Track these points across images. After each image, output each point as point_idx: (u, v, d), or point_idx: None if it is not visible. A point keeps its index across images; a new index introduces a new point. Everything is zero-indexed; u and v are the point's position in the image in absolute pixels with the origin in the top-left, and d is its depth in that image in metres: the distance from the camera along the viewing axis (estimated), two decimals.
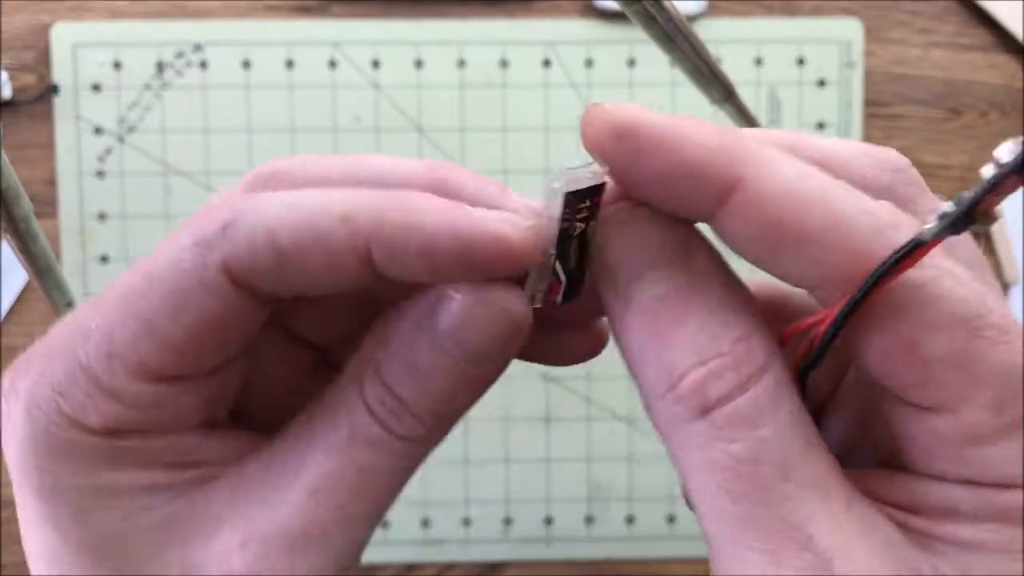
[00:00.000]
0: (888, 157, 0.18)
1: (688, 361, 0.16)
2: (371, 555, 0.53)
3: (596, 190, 0.18)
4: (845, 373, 0.20)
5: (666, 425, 0.17)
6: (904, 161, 0.18)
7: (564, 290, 0.19)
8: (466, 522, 0.54)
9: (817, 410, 0.19)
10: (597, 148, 0.17)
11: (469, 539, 0.54)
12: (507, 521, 0.54)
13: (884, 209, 0.16)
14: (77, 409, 0.17)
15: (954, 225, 0.16)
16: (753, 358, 0.16)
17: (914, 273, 0.16)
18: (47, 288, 0.35)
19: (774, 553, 0.16)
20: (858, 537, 0.16)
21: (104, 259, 0.53)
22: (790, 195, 0.16)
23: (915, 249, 0.15)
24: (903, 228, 0.16)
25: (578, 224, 0.18)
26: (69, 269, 0.53)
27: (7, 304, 0.52)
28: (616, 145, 0.17)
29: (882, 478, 0.17)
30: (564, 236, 0.18)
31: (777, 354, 0.17)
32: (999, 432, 0.16)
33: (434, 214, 0.17)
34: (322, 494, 0.18)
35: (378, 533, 0.58)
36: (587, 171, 0.17)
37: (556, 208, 0.18)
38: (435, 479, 0.54)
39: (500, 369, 0.19)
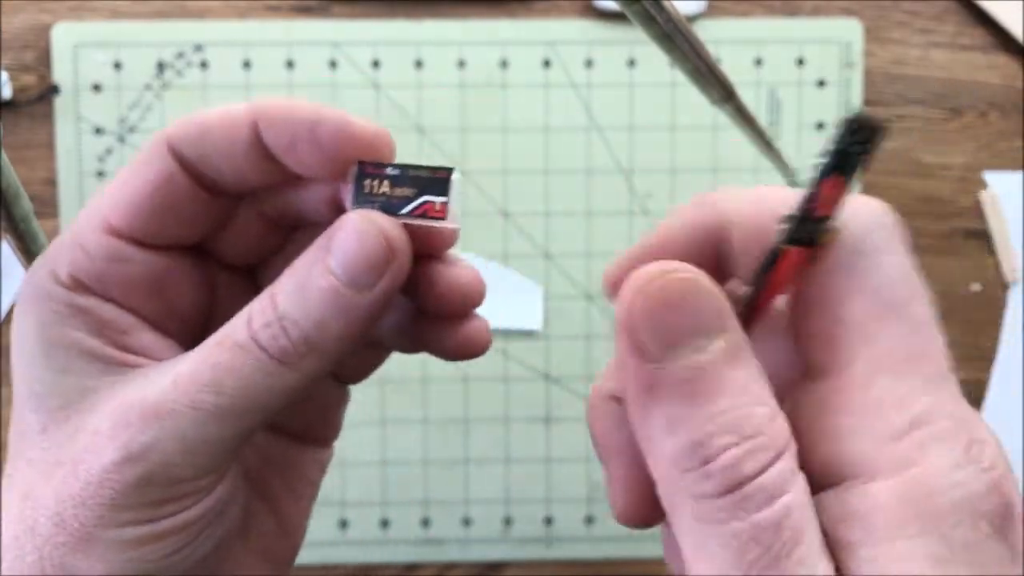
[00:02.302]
0: None
1: (725, 439, 0.16)
2: (371, 555, 0.53)
3: None
4: None
5: (680, 496, 0.17)
6: None
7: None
8: (466, 522, 0.54)
9: None
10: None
11: (469, 539, 0.54)
12: (507, 521, 0.54)
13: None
14: (57, 260, 0.21)
15: (797, 233, 0.17)
16: (783, 434, 0.16)
17: (869, 241, 0.18)
18: None
19: None
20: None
21: None
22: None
23: (776, 257, 0.18)
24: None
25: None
26: None
27: (7, 304, 0.52)
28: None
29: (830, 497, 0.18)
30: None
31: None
32: (863, 406, 0.17)
33: (302, 102, 0.22)
34: (179, 381, 0.20)
35: (378, 533, 0.59)
36: None
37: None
38: (435, 479, 0.54)
39: (373, 309, 0.21)
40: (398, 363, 0.53)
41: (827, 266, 0.18)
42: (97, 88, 0.52)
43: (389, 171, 0.22)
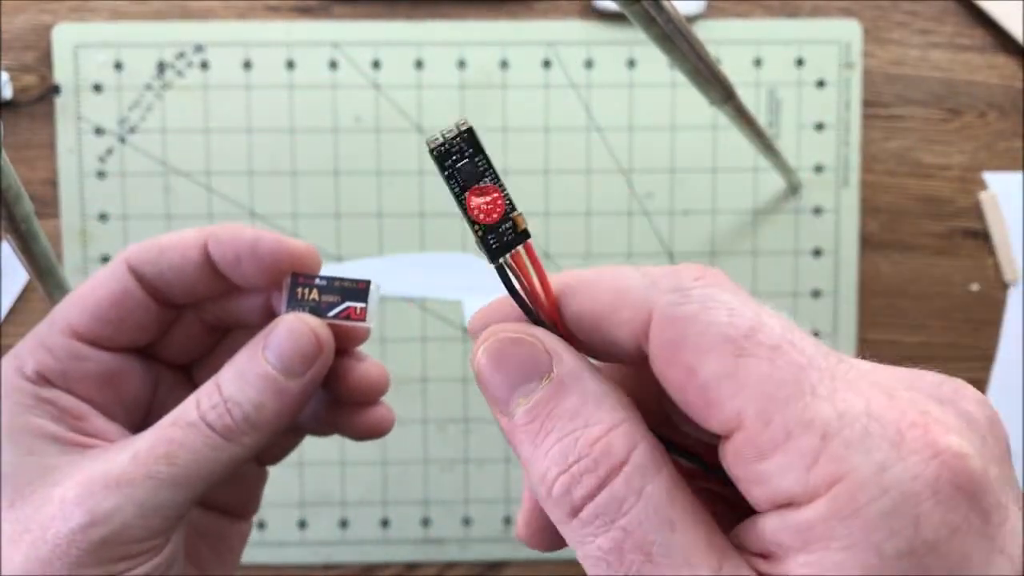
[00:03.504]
0: None
1: (555, 470, 0.18)
2: (371, 555, 0.53)
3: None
4: None
5: (556, 524, 0.19)
6: None
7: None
8: (466, 522, 0.54)
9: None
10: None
11: (469, 539, 0.54)
12: (507, 521, 0.54)
13: (666, 271, 0.19)
14: (23, 360, 0.25)
15: (495, 245, 0.19)
16: (611, 455, 0.18)
17: (687, 308, 0.18)
18: (48, 288, 0.35)
19: None
20: None
21: (105, 259, 0.53)
22: (585, 284, 0.20)
23: (504, 275, 0.20)
24: (678, 275, 0.19)
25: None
26: (70, 269, 0.53)
27: (7, 304, 0.52)
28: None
29: (746, 527, 0.18)
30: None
31: (642, 438, 0.18)
32: (772, 443, 0.16)
33: (245, 227, 0.26)
34: (138, 456, 0.24)
35: (378, 532, 0.59)
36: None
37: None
38: (435, 479, 0.54)
39: (303, 393, 0.25)
40: (398, 363, 0.53)
41: (658, 352, 0.18)
42: (98, 88, 0.53)
43: (318, 281, 0.26)
